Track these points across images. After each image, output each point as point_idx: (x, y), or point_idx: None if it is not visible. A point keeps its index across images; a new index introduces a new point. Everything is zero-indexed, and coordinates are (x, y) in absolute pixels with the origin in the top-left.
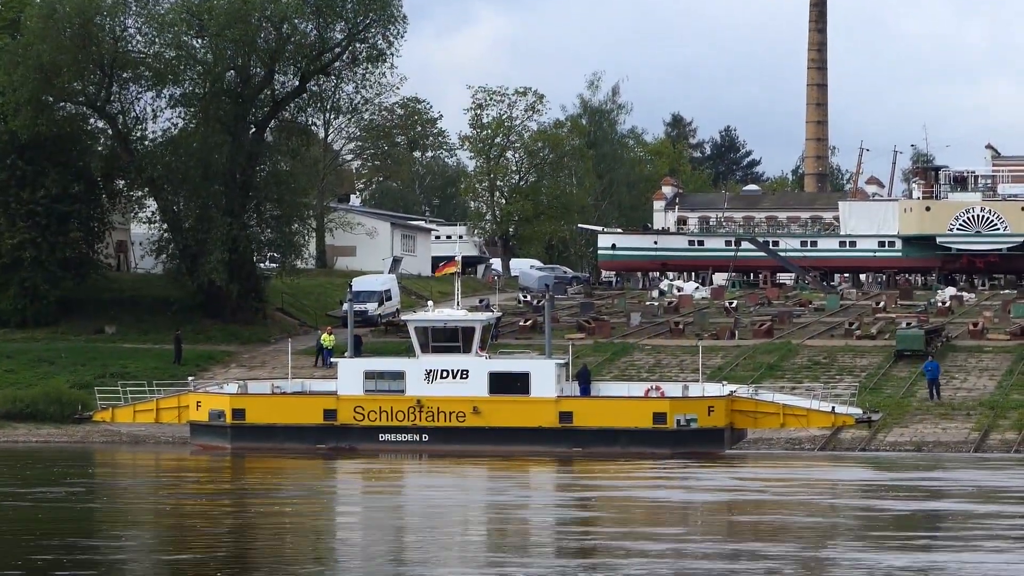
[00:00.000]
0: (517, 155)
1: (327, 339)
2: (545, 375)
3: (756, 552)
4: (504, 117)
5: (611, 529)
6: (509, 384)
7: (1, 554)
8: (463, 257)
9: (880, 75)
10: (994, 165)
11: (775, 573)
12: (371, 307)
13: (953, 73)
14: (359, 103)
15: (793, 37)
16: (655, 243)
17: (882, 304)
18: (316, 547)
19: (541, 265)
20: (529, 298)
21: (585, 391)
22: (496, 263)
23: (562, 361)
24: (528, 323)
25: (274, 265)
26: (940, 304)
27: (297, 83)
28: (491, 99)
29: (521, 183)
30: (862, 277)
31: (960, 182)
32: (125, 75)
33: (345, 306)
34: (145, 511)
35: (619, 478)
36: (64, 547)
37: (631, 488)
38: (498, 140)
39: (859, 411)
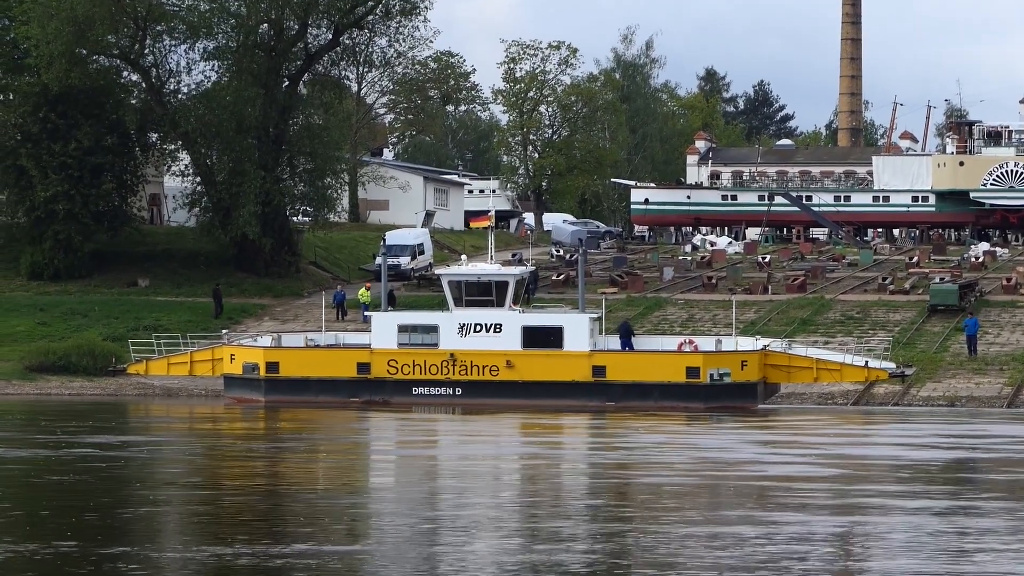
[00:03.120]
0: (550, 109)
1: (364, 294)
2: (578, 329)
3: None
4: (537, 71)
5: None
6: (542, 338)
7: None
8: (496, 211)
9: (914, 29)
10: None
11: None
12: (404, 261)
13: (985, 28)
14: (392, 57)
15: None
16: (688, 198)
17: (915, 259)
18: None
19: (574, 220)
20: (562, 252)
21: (626, 345)
22: (529, 217)
23: (595, 315)
24: (561, 277)
25: (307, 219)
26: (973, 259)
27: (330, 36)
28: (524, 53)
29: (554, 137)
30: (895, 232)
31: (994, 137)
32: (159, 28)
33: (378, 260)
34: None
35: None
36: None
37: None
38: (531, 94)
39: (892, 365)
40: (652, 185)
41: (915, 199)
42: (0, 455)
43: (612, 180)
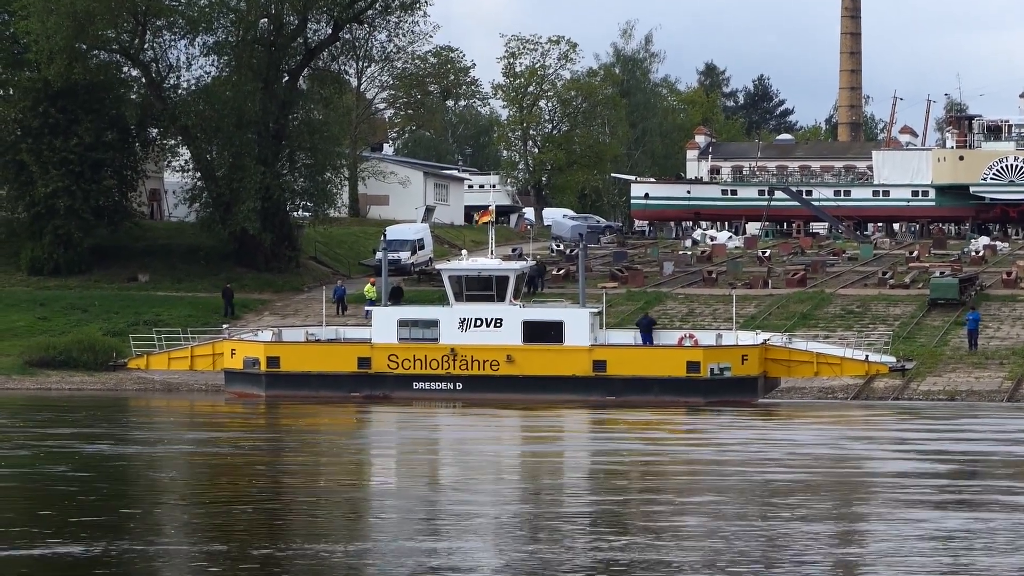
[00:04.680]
0: (550, 104)
1: (370, 289)
2: (579, 324)
3: None
4: (537, 66)
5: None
6: (543, 333)
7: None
8: (496, 207)
9: (913, 23)
10: None
11: None
12: (404, 256)
13: (984, 22)
14: (392, 51)
15: None
16: (688, 192)
17: (915, 253)
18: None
19: (574, 214)
20: (562, 247)
21: (647, 339)
22: (529, 212)
23: (595, 310)
24: (561, 272)
25: (307, 214)
26: (973, 253)
27: (330, 31)
28: (524, 48)
29: (554, 132)
30: (895, 226)
31: (994, 131)
32: (158, 23)
33: (379, 255)
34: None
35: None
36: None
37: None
38: (531, 89)
39: (893, 360)
40: (652, 180)
41: (915, 193)
42: (104, 452)
43: (612, 175)
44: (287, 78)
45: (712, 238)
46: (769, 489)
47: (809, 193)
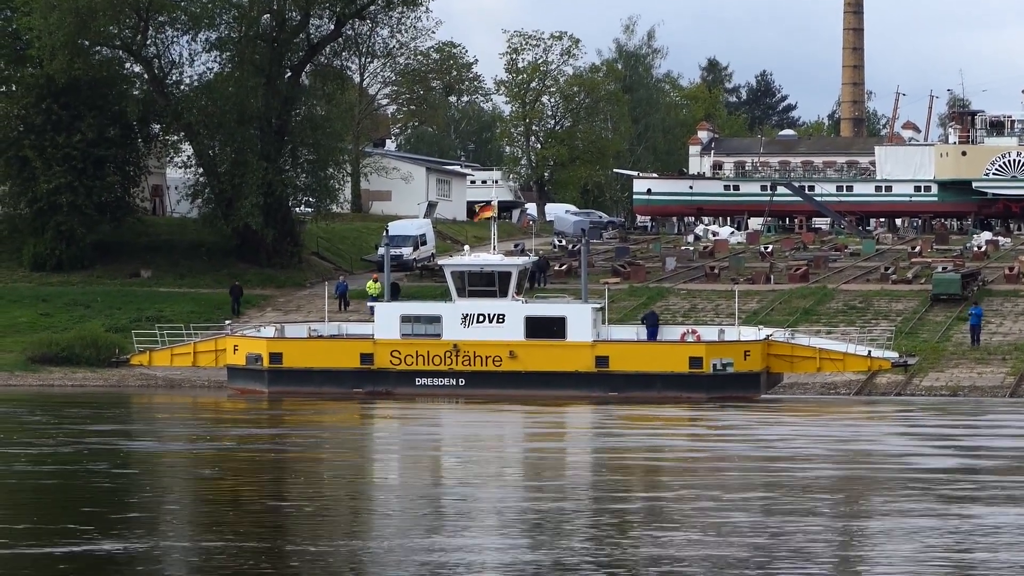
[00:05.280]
0: (552, 100)
1: (371, 286)
2: (581, 319)
3: None
4: (540, 61)
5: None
6: (545, 328)
7: None
8: (498, 202)
9: (916, 19)
10: None
11: None
12: (406, 251)
13: (986, 17)
14: (394, 47)
15: None
16: (691, 188)
17: (918, 249)
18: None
19: (576, 210)
20: (564, 243)
21: (652, 335)
22: (531, 208)
23: (598, 305)
24: (563, 268)
25: (309, 210)
26: (976, 249)
27: (333, 27)
28: (526, 43)
29: (556, 128)
30: (898, 222)
31: (996, 127)
32: (161, 19)
33: (381, 250)
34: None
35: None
36: None
37: None
38: (533, 85)
39: (895, 355)
40: (655, 175)
41: (917, 189)
42: (151, 449)
43: (615, 170)
44: (289, 74)
45: (714, 233)
46: (821, 485)
47: (812, 188)
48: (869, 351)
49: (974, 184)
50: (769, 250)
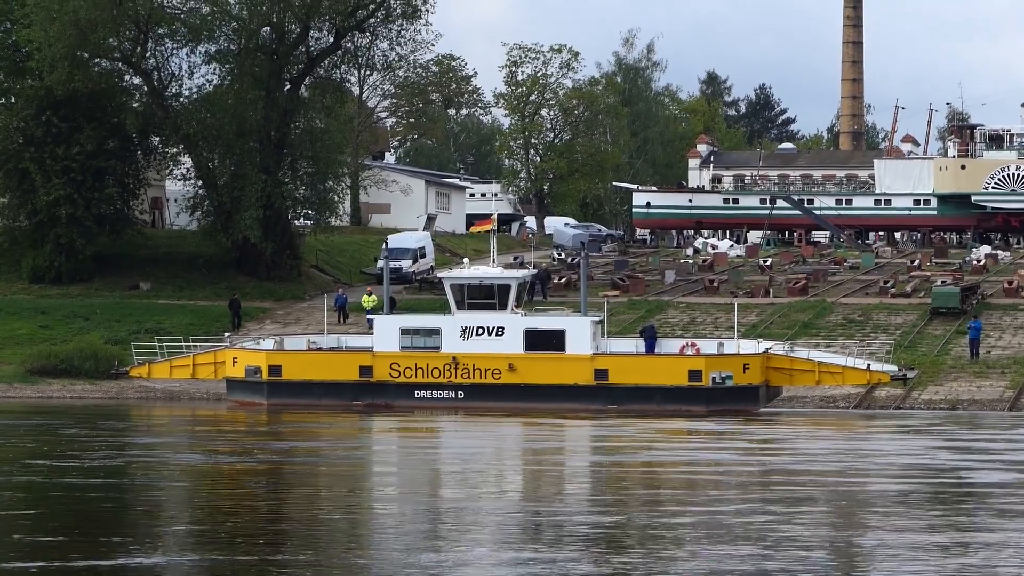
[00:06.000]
0: (552, 113)
1: (367, 299)
2: (580, 332)
3: None
4: (539, 75)
5: None
6: (544, 341)
7: None
8: (498, 215)
9: (915, 32)
10: None
11: None
12: (405, 264)
13: (985, 31)
14: (394, 60)
15: None
16: (690, 201)
17: (917, 262)
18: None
19: (575, 223)
20: (564, 256)
21: (650, 348)
22: (530, 221)
23: (597, 318)
24: (563, 281)
25: (309, 222)
26: (975, 262)
27: (332, 40)
28: (526, 56)
29: (556, 141)
30: (897, 235)
31: (995, 140)
32: (160, 31)
33: (380, 263)
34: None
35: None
36: None
37: None
38: (533, 97)
39: (894, 368)
40: (654, 188)
41: (917, 202)
42: (197, 463)
43: (614, 183)
44: (289, 87)
45: (714, 247)
46: (882, 499)
47: (811, 202)
48: (868, 364)
49: (973, 198)
50: (768, 263)
